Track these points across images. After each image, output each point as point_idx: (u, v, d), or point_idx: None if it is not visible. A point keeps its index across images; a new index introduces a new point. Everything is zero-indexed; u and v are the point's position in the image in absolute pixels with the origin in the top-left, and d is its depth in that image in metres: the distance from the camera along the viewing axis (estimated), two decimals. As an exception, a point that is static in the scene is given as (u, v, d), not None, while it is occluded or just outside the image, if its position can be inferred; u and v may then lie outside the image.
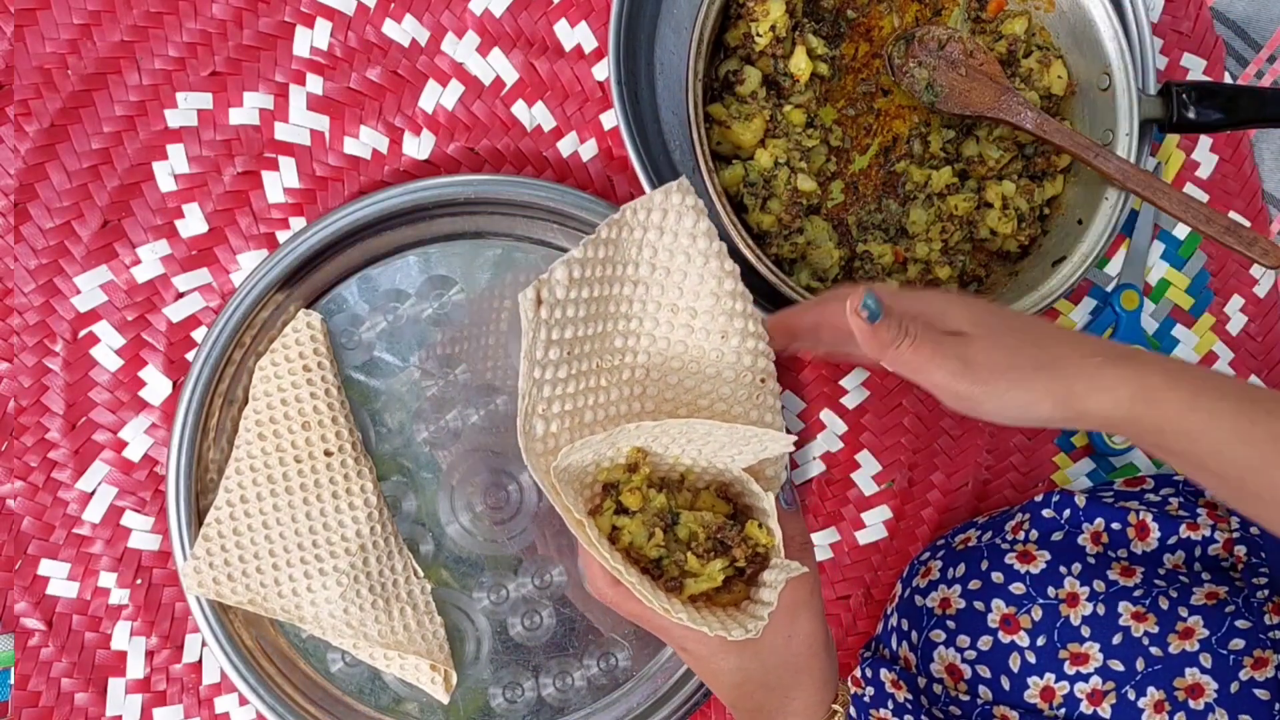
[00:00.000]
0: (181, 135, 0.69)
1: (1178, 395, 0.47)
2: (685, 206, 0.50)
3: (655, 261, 0.50)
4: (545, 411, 0.49)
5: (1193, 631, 0.58)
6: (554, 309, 0.48)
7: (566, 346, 0.48)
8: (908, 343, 0.48)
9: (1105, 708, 0.58)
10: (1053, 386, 0.47)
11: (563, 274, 0.48)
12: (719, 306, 0.50)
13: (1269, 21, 0.76)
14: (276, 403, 0.65)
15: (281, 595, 0.64)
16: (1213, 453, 0.47)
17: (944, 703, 0.61)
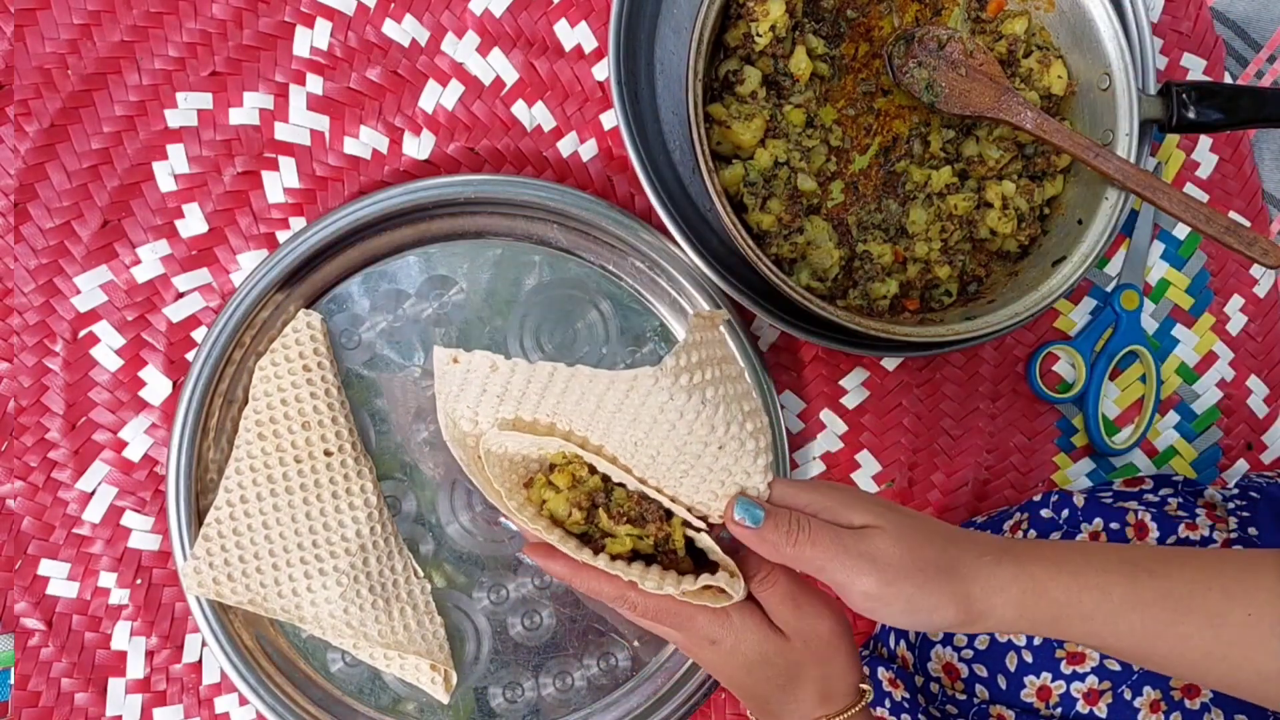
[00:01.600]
0: (181, 135, 0.69)
1: (1063, 581, 0.48)
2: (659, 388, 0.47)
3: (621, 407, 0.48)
4: (472, 414, 0.49)
5: (1191, 632, 0.58)
6: (470, 371, 0.48)
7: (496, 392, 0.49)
8: (804, 537, 0.47)
9: (1101, 707, 0.58)
10: (954, 589, 0.47)
11: (481, 359, 0.48)
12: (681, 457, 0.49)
13: (1269, 21, 0.76)
14: (276, 403, 0.65)
15: (281, 595, 0.64)
16: (1109, 626, 0.48)
17: (941, 701, 0.61)
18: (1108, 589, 0.48)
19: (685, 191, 0.69)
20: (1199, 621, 0.47)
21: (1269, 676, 0.47)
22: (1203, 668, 0.48)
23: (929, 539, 0.48)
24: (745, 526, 0.47)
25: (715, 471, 0.49)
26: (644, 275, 0.69)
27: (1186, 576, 0.48)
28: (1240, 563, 0.49)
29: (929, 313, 0.68)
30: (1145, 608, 0.48)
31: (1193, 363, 0.75)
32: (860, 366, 0.73)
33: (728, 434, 0.48)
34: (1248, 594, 0.47)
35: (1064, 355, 0.74)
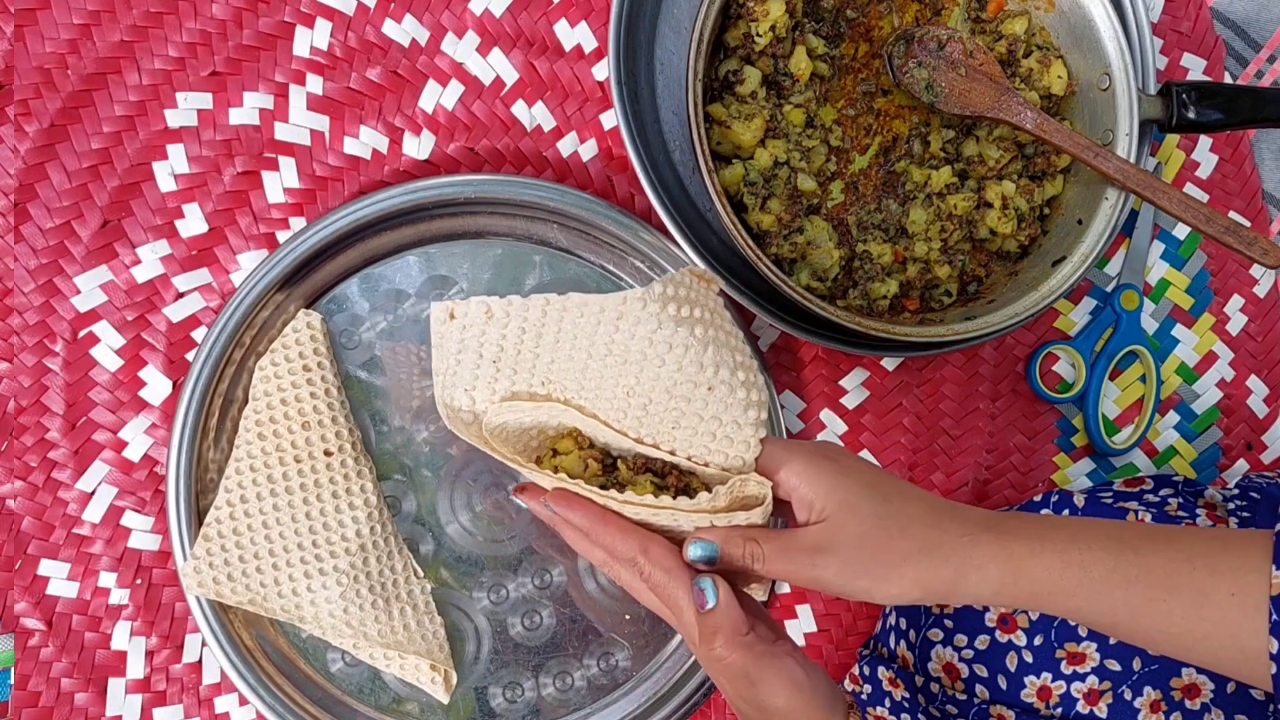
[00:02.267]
0: (181, 135, 0.69)
1: (1045, 560, 0.48)
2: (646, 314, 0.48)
3: (611, 348, 0.49)
4: (470, 390, 0.50)
5: (1190, 632, 0.58)
6: (467, 328, 0.49)
7: (490, 356, 0.49)
8: (759, 565, 0.48)
9: (1102, 707, 0.58)
10: (920, 577, 0.47)
11: (477, 308, 0.49)
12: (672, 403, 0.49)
13: (1269, 21, 0.76)
14: (276, 403, 0.65)
15: (281, 595, 0.64)
16: (1091, 604, 0.48)
17: (941, 701, 0.61)
18: (1090, 566, 0.48)
19: (685, 191, 0.69)
20: (1183, 599, 0.47)
21: (1252, 655, 0.46)
22: (1185, 644, 0.48)
23: (900, 530, 0.48)
24: (703, 565, 0.48)
25: (705, 420, 0.49)
26: (644, 275, 0.69)
27: (1170, 554, 0.48)
28: (1225, 541, 0.49)
29: (929, 313, 0.68)
30: (1129, 585, 0.47)
31: (1193, 363, 0.75)
32: (860, 366, 0.73)
33: (717, 376, 0.48)
34: (1233, 572, 0.47)
35: (1064, 355, 0.74)
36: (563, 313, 0.49)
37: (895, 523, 0.48)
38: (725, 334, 0.50)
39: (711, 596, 0.48)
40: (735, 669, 0.48)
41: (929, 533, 0.48)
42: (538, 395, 0.50)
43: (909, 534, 0.48)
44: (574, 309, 0.49)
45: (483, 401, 0.50)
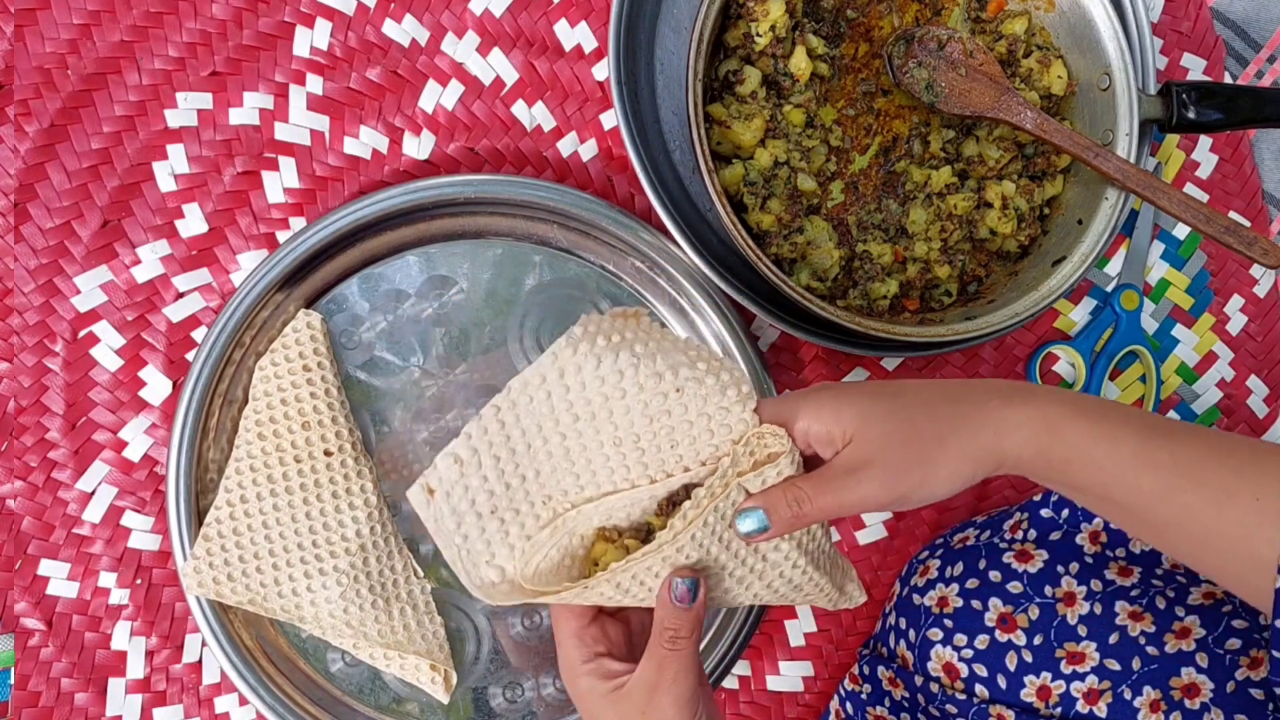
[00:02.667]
0: (181, 135, 0.69)
1: (1079, 426, 0.48)
2: (581, 357, 0.48)
3: (576, 412, 0.49)
4: (491, 560, 0.49)
5: (1189, 631, 0.58)
6: (450, 493, 0.48)
7: (486, 510, 0.49)
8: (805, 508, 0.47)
9: (1101, 707, 0.58)
10: (965, 449, 0.47)
11: (447, 464, 0.49)
12: (656, 425, 0.49)
13: (1269, 21, 0.76)
14: (276, 403, 0.65)
15: (281, 595, 0.64)
16: (1117, 480, 0.47)
17: (941, 701, 0.61)
18: (1120, 442, 0.47)
19: (685, 191, 0.69)
20: (1206, 495, 0.46)
21: (1261, 564, 0.46)
22: (1199, 543, 0.47)
23: (925, 414, 0.47)
24: (758, 534, 0.48)
25: (694, 422, 0.49)
26: (644, 275, 0.69)
27: (1202, 449, 0.47)
28: (1256, 448, 0.48)
29: (929, 313, 0.68)
30: (1155, 470, 0.47)
31: (1193, 363, 0.75)
32: (860, 366, 0.73)
33: (678, 377, 0.48)
34: (1261, 478, 0.46)
35: (1064, 355, 0.74)
36: (514, 408, 0.49)
37: (917, 412, 0.48)
38: (666, 341, 0.50)
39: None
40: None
41: (956, 408, 0.48)
42: (546, 521, 0.50)
43: (936, 416, 0.47)
44: (521, 399, 0.49)
45: (506, 561, 0.50)
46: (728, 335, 0.68)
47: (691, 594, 0.48)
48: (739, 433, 0.49)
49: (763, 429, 0.49)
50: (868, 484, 0.46)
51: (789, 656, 0.72)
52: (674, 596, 0.48)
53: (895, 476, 0.46)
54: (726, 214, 0.61)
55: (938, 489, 0.47)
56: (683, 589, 0.48)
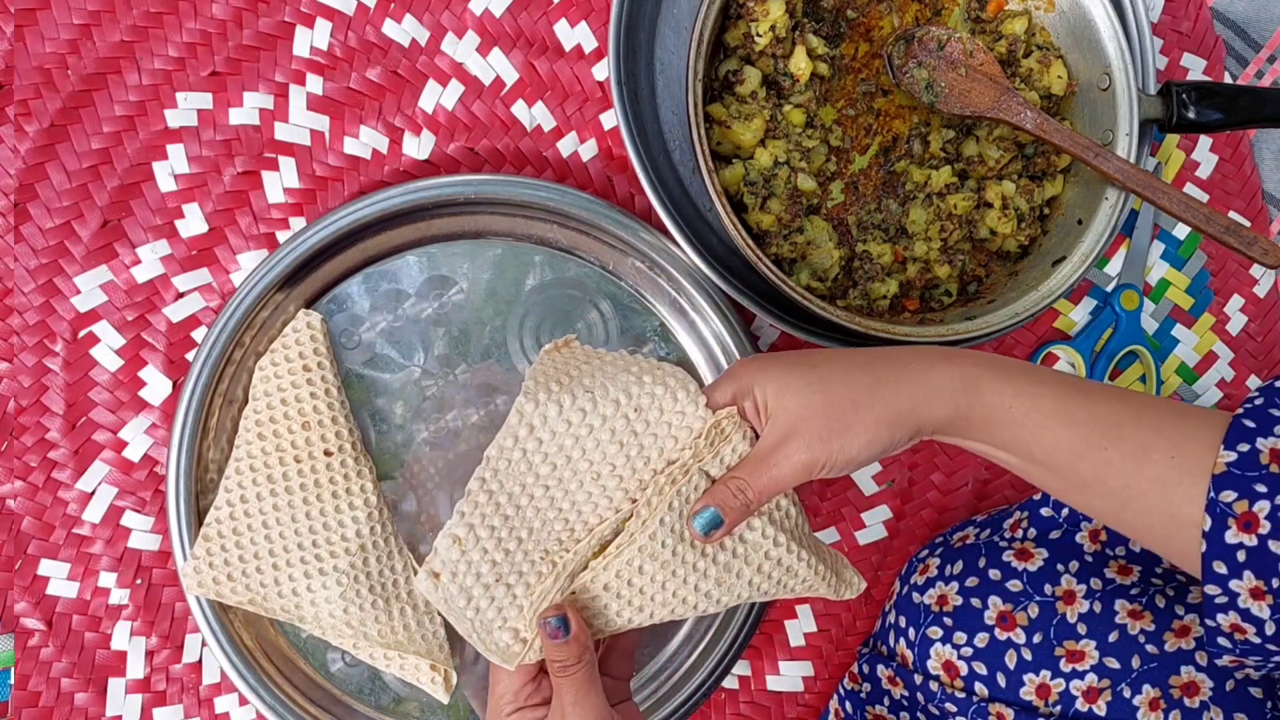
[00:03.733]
0: (181, 135, 0.69)
1: (998, 385, 0.49)
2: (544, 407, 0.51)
3: (554, 462, 0.52)
4: (504, 625, 0.51)
5: (1189, 629, 0.58)
6: (455, 574, 0.51)
7: (491, 578, 0.51)
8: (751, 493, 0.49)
9: (1101, 705, 0.58)
10: (880, 415, 0.48)
11: (446, 545, 0.51)
12: (627, 448, 0.52)
13: (1269, 21, 0.76)
14: (276, 403, 0.65)
15: (281, 595, 0.64)
16: (1037, 438, 0.48)
17: (940, 699, 0.61)
18: (1039, 399, 0.49)
19: (685, 191, 0.69)
20: (1124, 450, 0.47)
21: (1182, 522, 0.47)
22: (1120, 499, 0.48)
23: (841, 381, 0.49)
24: (716, 530, 0.50)
25: (659, 433, 0.52)
26: (644, 275, 0.69)
27: (1120, 408, 0.49)
28: (1172, 408, 0.49)
29: (929, 313, 0.68)
30: (1074, 425, 0.48)
31: (1193, 363, 0.75)
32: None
33: (630, 401, 0.51)
34: (1178, 435, 0.47)
35: (1064, 355, 0.74)
36: (497, 475, 0.52)
37: (833, 381, 0.49)
38: (606, 363, 0.53)
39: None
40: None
41: (872, 373, 0.49)
42: (547, 573, 0.52)
43: (851, 383, 0.49)
44: (501, 464, 0.51)
45: (518, 622, 0.51)
46: (728, 335, 0.68)
47: (562, 629, 0.50)
48: (699, 429, 0.52)
49: (718, 416, 0.51)
50: (794, 455, 0.48)
51: (789, 656, 0.72)
52: (547, 635, 0.50)
53: (815, 445, 0.48)
54: (726, 214, 0.61)
55: (857, 455, 0.48)
56: (552, 626, 0.50)
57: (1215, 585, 0.47)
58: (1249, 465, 0.46)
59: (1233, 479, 0.46)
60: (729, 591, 0.52)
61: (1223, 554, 0.46)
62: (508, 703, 0.52)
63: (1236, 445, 0.47)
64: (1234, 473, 0.46)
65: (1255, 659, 0.48)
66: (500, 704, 0.53)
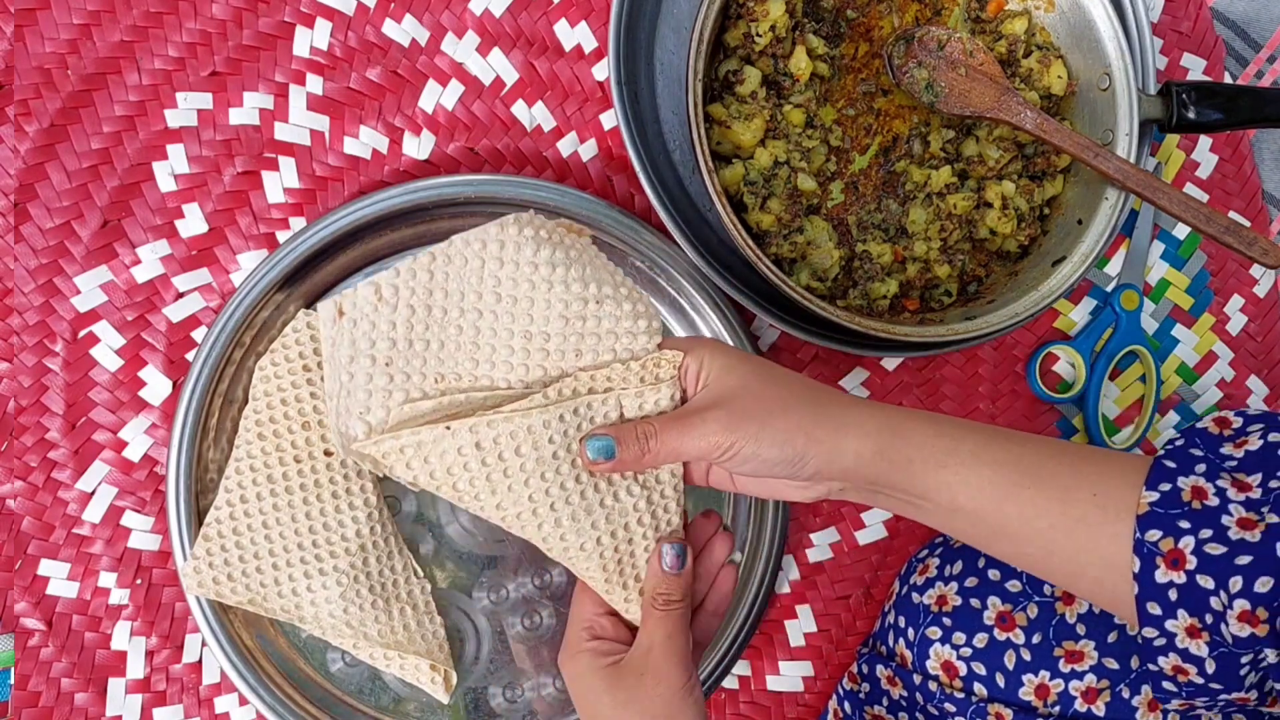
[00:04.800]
0: (181, 135, 0.69)
1: (920, 427, 0.49)
2: (524, 238, 0.50)
3: (500, 291, 0.50)
4: (364, 415, 0.49)
5: (1189, 631, 0.58)
6: (358, 323, 0.49)
7: (382, 359, 0.49)
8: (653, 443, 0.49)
9: (1100, 705, 0.58)
10: (802, 422, 0.48)
11: (368, 292, 0.49)
12: (569, 329, 0.50)
13: (1269, 21, 0.76)
14: (276, 403, 0.65)
15: (281, 595, 0.64)
16: (960, 480, 0.48)
17: (939, 699, 0.61)
18: (961, 440, 0.49)
19: (685, 191, 0.69)
20: (1047, 491, 0.48)
21: (1113, 565, 0.47)
22: (1046, 542, 0.48)
23: (781, 383, 0.49)
24: (603, 461, 0.49)
25: (603, 337, 0.51)
26: (644, 275, 0.69)
27: (1038, 449, 0.49)
28: (1092, 451, 0.50)
29: (929, 313, 0.68)
30: (997, 466, 0.48)
31: (1193, 363, 0.75)
32: (860, 366, 0.73)
33: (601, 290, 0.50)
34: (1098, 476, 0.48)
35: (1064, 355, 0.74)
36: (449, 264, 0.50)
37: (773, 378, 0.50)
38: (599, 260, 0.52)
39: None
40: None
41: (808, 390, 0.50)
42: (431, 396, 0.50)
43: (788, 387, 0.49)
44: (457, 257, 0.50)
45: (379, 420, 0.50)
46: (727, 335, 0.68)
47: (680, 560, 0.50)
48: (639, 357, 0.51)
49: (660, 354, 0.50)
50: (711, 425, 0.48)
51: (789, 656, 0.72)
52: (664, 564, 0.49)
53: (733, 424, 0.48)
54: (726, 214, 0.61)
55: (765, 450, 0.48)
56: (671, 556, 0.50)
57: (1152, 627, 0.47)
58: (1172, 503, 0.47)
59: (1156, 517, 0.46)
60: (572, 531, 0.50)
61: (1155, 594, 0.46)
62: (583, 628, 0.51)
63: (1158, 485, 0.47)
64: (1157, 511, 0.47)
65: (1203, 700, 0.48)
66: (577, 632, 0.52)
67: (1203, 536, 0.46)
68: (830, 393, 0.51)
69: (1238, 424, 0.50)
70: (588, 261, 0.51)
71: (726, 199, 0.61)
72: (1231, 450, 0.49)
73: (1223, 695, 0.47)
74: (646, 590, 0.50)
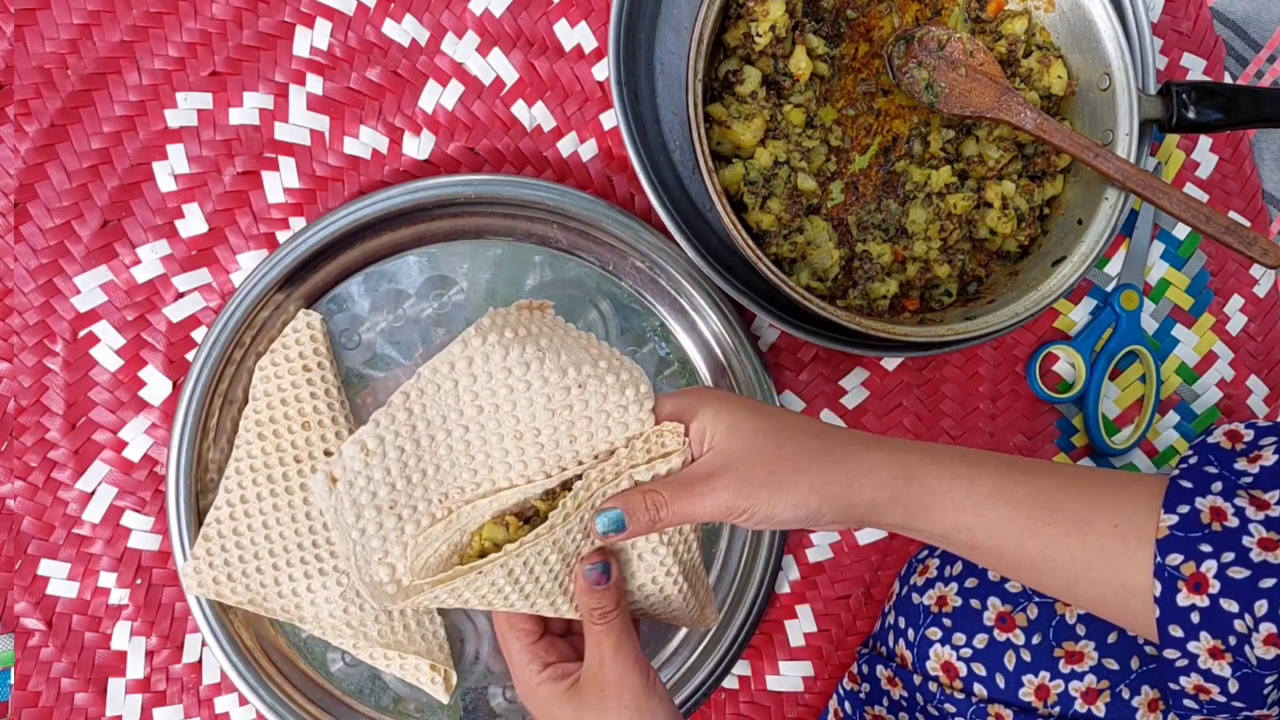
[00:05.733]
0: (181, 135, 0.69)
1: (935, 469, 0.49)
2: (489, 346, 0.49)
3: (480, 404, 0.50)
4: (384, 559, 0.50)
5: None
6: (353, 483, 0.49)
7: (386, 505, 0.50)
8: (663, 512, 0.48)
9: (1100, 706, 0.58)
10: (815, 481, 0.48)
11: (353, 452, 0.49)
12: (558, 420, 0.50)
13: (1269, 21, 0.76)
14: (276, 403, 0.65)
15: (281, 595, 0.64)
16: (979, 521, 0.48)
17: (939, 700, 0.61)
18: (977, 481, 0.48)
19: (685, 191, 0.69)
20: (1066, 526, 0.47)
21: (1134, 590, 0.47)
22: (1070, 574, 0.48)
23: (790, 440, 0.49)
24: (614, 534, 0.49)
25: (593, 419, 0.50)
26: (644, 275, 0.69)
27: (1058, 481, 0.49)
28: (1109, 478, 0.50)
29: (929, 313, 0.68)
30: (1015, 504, 0.48)
31: (1193, 363, 0.75)
32: (860, 366, 0.73)
33: (580, 373, 0.49)
34: (1116, 505, 0.48)
35: (1064, 355, 0.74)
36: (423, 396, 0.50)
37: (783, 434, 0.49)
38: (570, 337, 0.51)
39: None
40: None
41: (818, 441, 0.49)
42: (440, 518, 0.50)
43: (798, 441, 0.49)
44: (429, 387, 0.50)
45: (399, 560, 0.50)
46: (727, 335, 0.68)
47: (605, 575, 0.49)
48: (635, 431, 0.50)
49: (661, 427, 0.50)
50: (721, 492, 0.48)
51: (789, 656, 0.72)
52: (589, 582, 0.49)
53: (745, 489, 0.47)
54: (726, 214, 0.61)
55: (780, 512, 0.48)
56: (595, 574, 0.49)
57: (1174, 649, 0.47)
58: (1191, 526, 0.47)
59: (1176, 541, 0.47)
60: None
61: (1177, 617, 0.46)
62: (527, 663, 0.51)
63: (1177, 507, 0.47)
64: (1177, 535, 0.47)
65: (1223, 716, 0.48)
66: (525, 669, 0.51)
67: (1225, 560, 0.46)
68: (839, 438, 0.50)
69: (1249, 437, 0.50)
70: (560, 346, 0.50)
71: (726, 199, 0.61)
72: (1246, 465, 0.49)
73: (1245, 713, 0.47)
74: (581, 608, 0.50)
